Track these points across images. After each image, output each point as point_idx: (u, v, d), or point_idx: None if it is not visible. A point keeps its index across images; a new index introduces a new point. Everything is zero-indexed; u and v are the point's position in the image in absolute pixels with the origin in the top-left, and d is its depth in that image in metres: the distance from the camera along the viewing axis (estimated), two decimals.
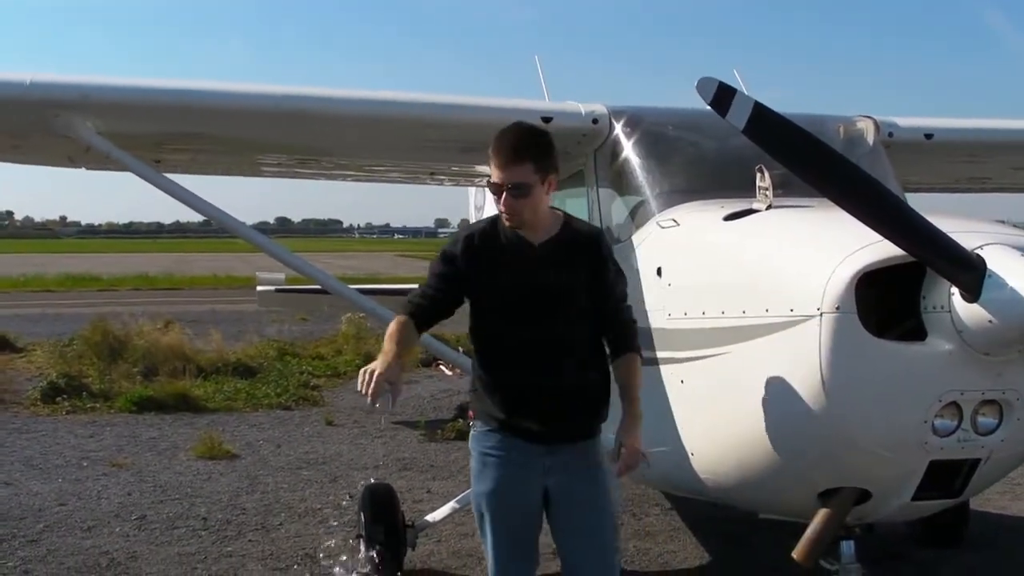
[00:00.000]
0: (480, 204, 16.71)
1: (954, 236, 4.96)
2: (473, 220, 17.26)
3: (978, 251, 4.97)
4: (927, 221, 5.02)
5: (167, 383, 17.44)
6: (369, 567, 8.21)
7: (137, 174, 7.53)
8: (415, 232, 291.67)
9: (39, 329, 26.80)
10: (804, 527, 5.69)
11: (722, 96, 5.35)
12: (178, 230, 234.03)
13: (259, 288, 17.04)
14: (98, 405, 16.58)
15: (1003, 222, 6.19)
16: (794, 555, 5.67)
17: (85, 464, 12.63)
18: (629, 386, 5.37)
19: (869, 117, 8.02)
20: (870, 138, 7.94)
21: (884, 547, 8.71)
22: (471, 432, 5.67)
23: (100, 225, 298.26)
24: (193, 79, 7.41)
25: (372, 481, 9.25)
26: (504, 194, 5.25)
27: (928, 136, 8.26)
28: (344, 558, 8.14)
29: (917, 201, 7.56)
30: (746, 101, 5.33)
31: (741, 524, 9.36)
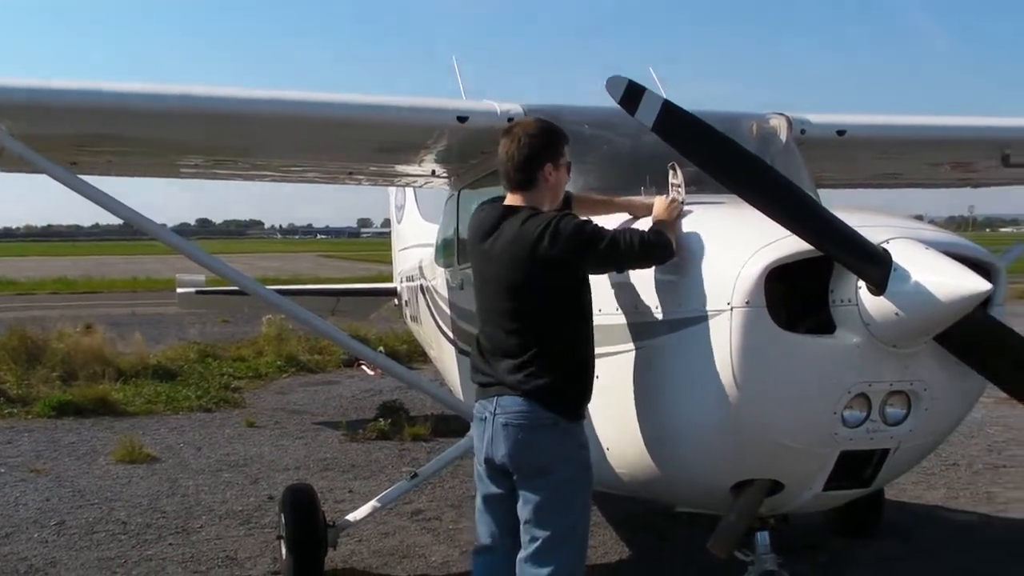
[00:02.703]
0: (400, 203, 16.69)
1: (861, 231, 5.06)
2: (393, 219, 17.27)
3: (884, 245, 5.06)
4: (835, 216, 5.12)
5: (86, 387, 17.28)
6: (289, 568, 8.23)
7: (52, 176, 7.44)
8: (338, 232, 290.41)
9: None
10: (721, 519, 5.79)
11: (631, 94, 5.42)
12: (97, 232, 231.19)
13: (179, 290, 16.88)
14: (16, 411, 16.44)
15: (921, 217, 6.31)
16: (709, 547, 5.74)
17: (2, 470, 12.51)
18: None
19: (782, 114, 8.08)
20: (783, 135, 8.01)
21: (800, 538, 8.83)
22: (576, 425, 5.72)
23: (17, 228, 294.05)
24: (109, 81, 7.32)
25: (293, 482, 9.23)
26: None
27: (840, 133, 8.34)
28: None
29: (831, 197, 7.68)
30: (655, 99, 5.40)
31: (661, 518, 9.49)
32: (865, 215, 5.47)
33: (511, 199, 5.85)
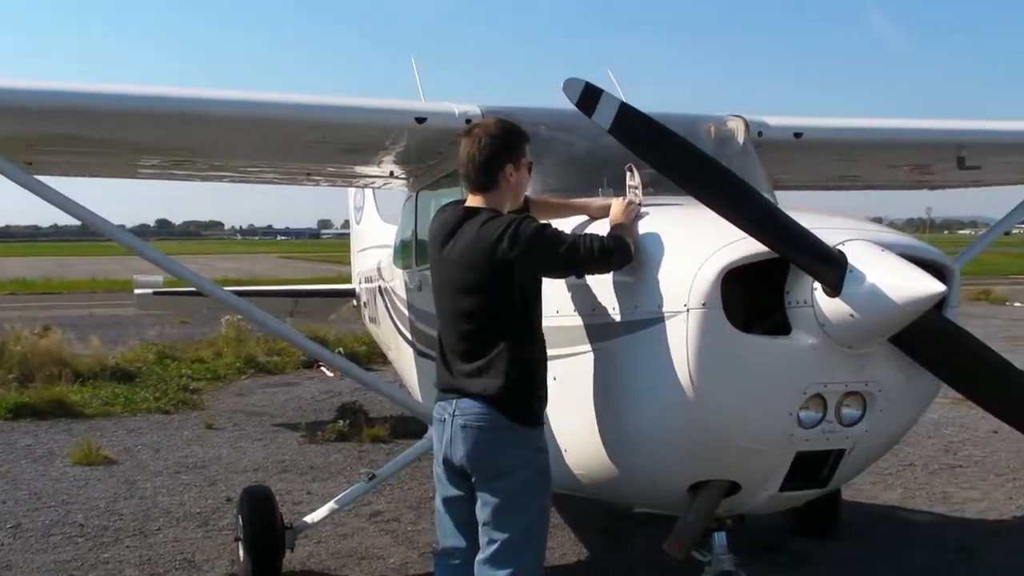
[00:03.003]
0: (359, 204, 16.65)
1: (817, 232, 5.09)
2: (353, 221, 17.22)
3: (840, 247, 5.10)
4: (790, 218, 5.15)
5: (43, 389, 17.14)
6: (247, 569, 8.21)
7: (7, 177, 7.39)
8: (298, 233, 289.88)
9: None
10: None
11: (588, 96, 5.43)
12: (56, 233, 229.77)
13: (137, 291, 16.77)
14: None
15: (880, 220, 6.33)
16: (666, 547, 5.76)
17: None
18: None
19: (739, 116, 8.10)
20: (740, 137, 8.03)
21: (757, 538, 8.88)
22: (534, 430, 5.71)
23: None
24: (65, 80, 7.26)
25: (250, 484, 9.19)
26: None
27: (797, 135, 8.35)
28: None
29: (789, 199, 7.71)
30: (612, 102, 5.41)
31: (618, 519, 9.51)
32: (821, 217, 5.51)
33: (472, 200, 5.85)
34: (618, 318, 5.71)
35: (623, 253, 5.54)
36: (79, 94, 7.08)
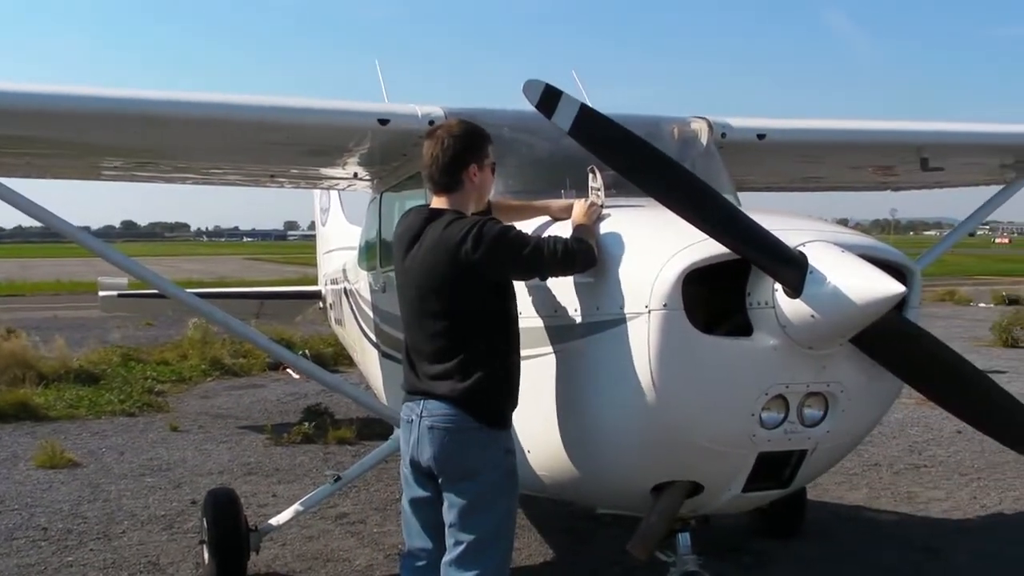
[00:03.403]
0: (325, 206, 16.64)
1: (777, 234, 5.09)
2: (318, 222, 17.20)
3: (800, 248, 5.11)
4: (751, 219, 5.16)
5: (7, 391, 17.01)
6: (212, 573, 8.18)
7: None
8: (264, 235, 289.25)
9: None
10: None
11: (548, 98, 5.44)
12: (19, 235, 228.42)
13: (101, 293, 16.71)
14: None
15: (846, 221, 6.35)
16: (630, 548, 5.77)
17: None
18: None
19: (703, 118, 8.12)
20: (704, 139, 8.04)
21: (722, 538, 8.90)
22: (501, 431, 5.72)
23: None
24: (23, 82, 7.19)
25: (215, 486, 9.16)
26: None
27: (760, 136, 8.37)
28: None
29: (753, 200, 7.73)
30: (572, 103, 5.41)
31: (583, 519, 9.51)
32: (782, 218, 5.52)
33: (436, 202, 5.85)
34: (580, 319, 5.71)
35: (587, 255, 5.54)
36: (39, 95, 7.02)
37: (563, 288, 5.80)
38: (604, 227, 5.76)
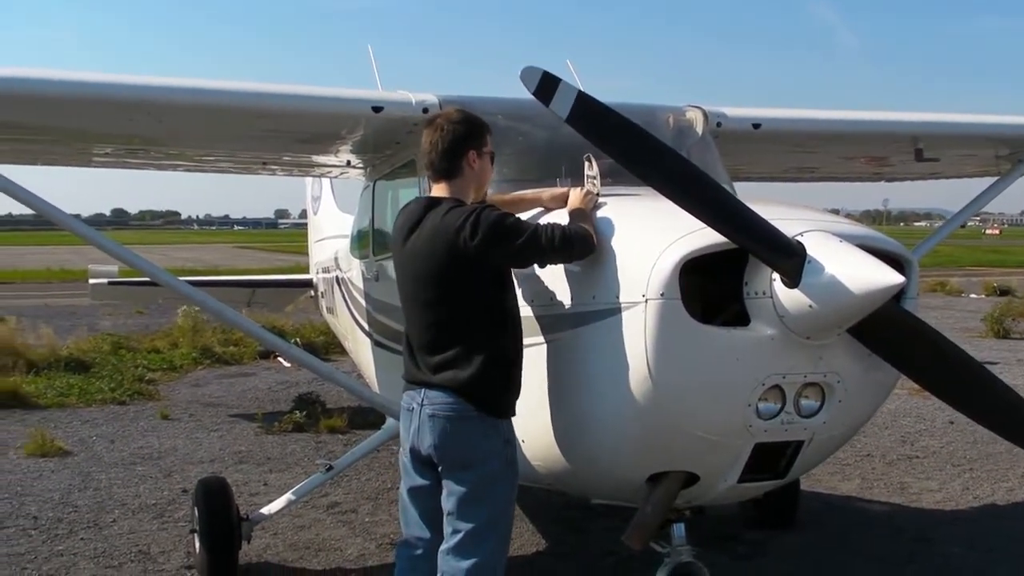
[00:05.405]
0: (317, 194, 16.57)
1: (775, 223, 5.07)
2: (310, 211, 17.14)
3: (798, 238, 5.09)
4: (749, 209, 5.13)
5: None
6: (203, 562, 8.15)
7: None
8: (255, 223, 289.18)
9: None
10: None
11: (546, 85, 5.40)
12: (10, 222, 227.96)
13: (91, 281, 16.62)
14: None
15: (837, 211, 6.33)
16: (625, 539, 5.77)
17: None
18: None
19: (698, 107, 8.11)
20: (699, 128, 8.03)
21: (716, 529, 8.88)
22: (502, 420, 5.73)
23: None
24: (11, 67, 7.13)
25: (206, 475, 9.13)
26: None
27: (756, 126, 8.35)
28: None
29: (748, 190, 7.71)
30: (569, 91, 5.38)
31: (578, 509, 9.49)
32: (780, 208, 5.50)
33: (435, 190, 5.85)
34: (576, 309, 5.69)
35: (584, 243, 5.52)
36: (28, 80, 6.96)
37: (559, 277, 5.78)
38: (600, 215, 5.75)
